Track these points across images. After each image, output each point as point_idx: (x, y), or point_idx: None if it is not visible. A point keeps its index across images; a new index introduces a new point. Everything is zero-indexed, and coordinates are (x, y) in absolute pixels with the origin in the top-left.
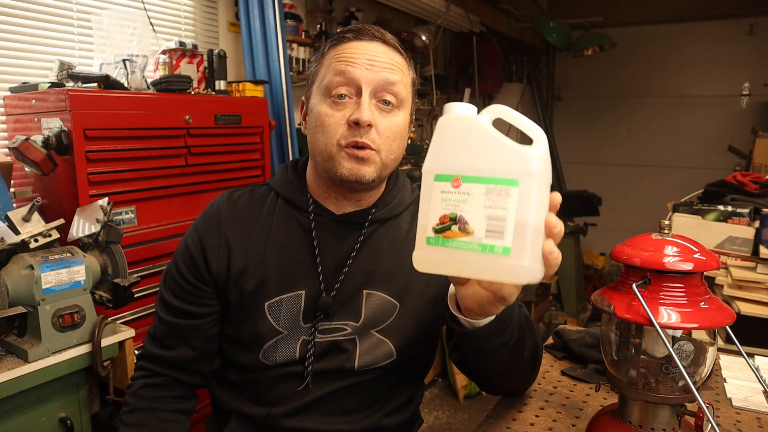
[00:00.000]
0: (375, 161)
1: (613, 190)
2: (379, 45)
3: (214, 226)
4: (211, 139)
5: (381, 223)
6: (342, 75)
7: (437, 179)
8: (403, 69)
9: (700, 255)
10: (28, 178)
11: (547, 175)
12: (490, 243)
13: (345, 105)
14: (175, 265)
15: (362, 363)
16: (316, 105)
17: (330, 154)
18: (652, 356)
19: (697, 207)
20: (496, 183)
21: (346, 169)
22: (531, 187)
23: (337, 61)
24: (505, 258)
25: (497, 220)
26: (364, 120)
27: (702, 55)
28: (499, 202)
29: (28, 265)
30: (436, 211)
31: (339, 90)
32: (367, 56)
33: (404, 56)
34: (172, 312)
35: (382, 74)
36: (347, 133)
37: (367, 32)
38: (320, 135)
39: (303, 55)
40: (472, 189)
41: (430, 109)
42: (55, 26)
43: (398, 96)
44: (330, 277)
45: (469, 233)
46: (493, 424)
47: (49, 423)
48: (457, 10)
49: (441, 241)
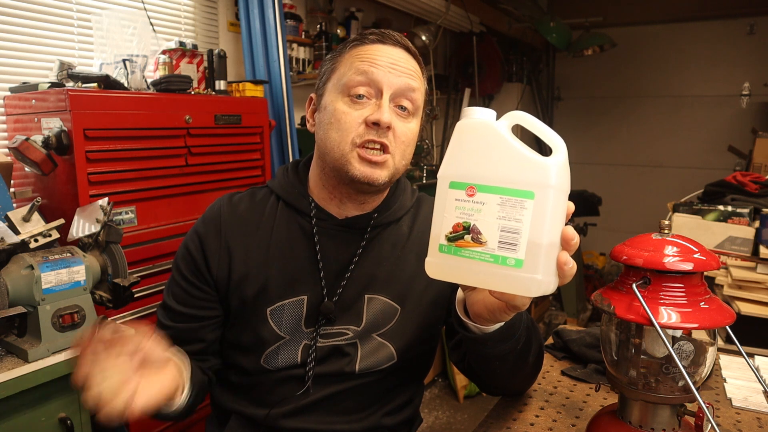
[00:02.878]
0: (388, 165)
1: (613, 190)
2: (402, 52)
3: (215, 229)
4: (211, 139)
5: (383, 227)
6: (364, 75)
7: (452, 186)
8: (421, 78)
9: (700, 255)
10: (28, 178)
11: (565, 185)
12: (502, 255)
13: (363, 105)
14: (177, 268)
15: (363, 366)
16: (332, 102)
17: (342, 152)
18: (652, 356)
19: (697, 207)
20: (511, 194)
21: (358, 171)
22: (547, 199)
23: (360, 60)
24: (518, 270)
25: (511, 232)
26: (385, 121)
27: (702, 55)
28: (513, 214)
29: (28, 265)
30: (450, 219)
31: (358, 90)
32: (390, 60)
33: (422, 66)
34: (173, 317)
35: (403, 79)
36: (363, 132)
37: (390, 37)
38: (334, 132)
39: (303, 55)
40: (487, 199)
41: (430, 109)
42: (55, 26)
43: (415, 103)
44: (332, 282)
45: (482, 243)
46: (493, 424)
47: (49, 423)
48: (457, 10)
49: (453, 250)
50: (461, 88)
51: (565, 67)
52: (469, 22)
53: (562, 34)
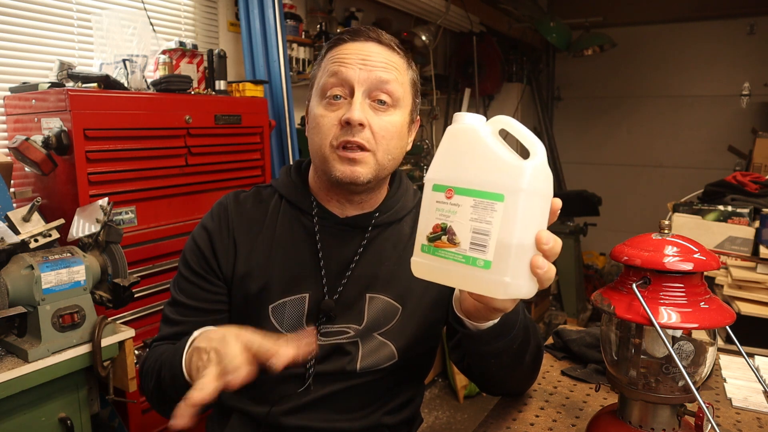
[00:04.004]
0: (369, 162)
1: (613, 190)
2: (374, 45)
3: (223, 225)
4: (211, 139)
5: (384, 227)
6: (335, 75)
7: (434, 189)
8: (400, 68)
9: (700, 255)
10: (28, 178)
11: (542, 188)
12: (472, 256)
13: (339, 106)
14: (185, 264)
15: (364, 365)
16: (313, 107)
17: (324, 156)
18: (652, 356)
19: (697, 207)
20: (483, 197)
21: (340, 171)
22: (517, 202)
23: (332, 62)
24: (486, 272)
25: (480, 234)
26: (355, 119)
27: (702, 55)
28: (484, 216)
29: (28, 265)
30: (431, 220)
31: (333, 91)
32: (360, 56)
33: (402, 55)
34: (183, 312)
35: (375, 73)
36: (339, 133)
37: (362, 33)
38: (315, 136)
39: (303, 55)
40: (462, 201)
41: (430, 109)
42: (55, 26)
43: (393, 95)
44: (333, 280)
45: (456, 244)
46: (493, 424)
47: (49, 423)
48: (457, 10)
49: (432, 250)
50: (461, 88)
51: (565, 67)
52: (469, 22)
53: (562, 34)
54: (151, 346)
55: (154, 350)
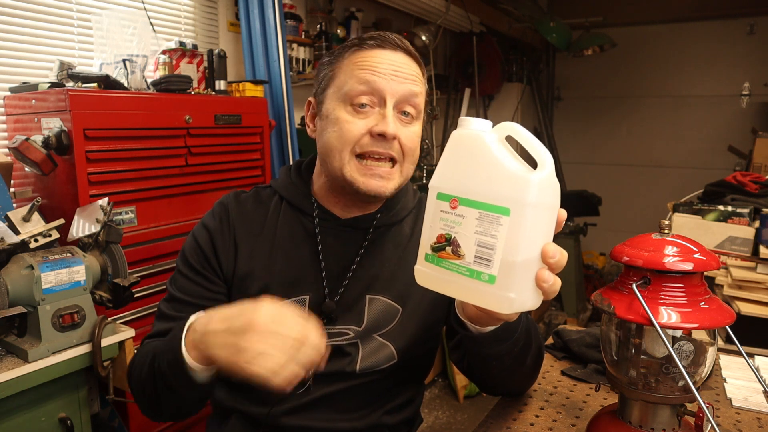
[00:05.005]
0: (396, 177)
1: (613, 190)
2: (403, 55)
3: (225, 224)
4: (211, 139)
5: (385, 228)
6: (367, 84)
7: (438, 197)
8: (422, 81)
9: (700, 255)
10: (28, 178)
11: (549, 201)
12: (477, 270)
13: (367, 114)
14: (184, 261)
15: (364, 366)
16: (333, 110)
17: (342, 161)
18: (652, 356)
19: (697, 207)
20: (488, 209)
21: (363, 184)
22: (524, 216)
23: (360, 69)
24: (491, 287)
25: (486, 248)
26: (390, 133)
27: (702, 55)
28: (490, 229)
29: (28, 265)
30: (435, 230)
31: (361, 99)
32: (392, 67)
33: (423, 67)
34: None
35: (406, 86)
36: (367, 142)
37: (390, 41)
38: (335, 140)
39: (303, 55)
40: (467, 212)
41: (430, 109)
42: (55, 26)
43: (417, 107)
44: (334, 281)
45: (461, 257)
46: (493, 424)
47: (49, 423)
48: (457, 10)
49: (436, 260)
50: (461, 88)
51: (565, 67)
52: (469, 22)
53: (562, 34)
54: (143, 342)
55: (146, 345)
